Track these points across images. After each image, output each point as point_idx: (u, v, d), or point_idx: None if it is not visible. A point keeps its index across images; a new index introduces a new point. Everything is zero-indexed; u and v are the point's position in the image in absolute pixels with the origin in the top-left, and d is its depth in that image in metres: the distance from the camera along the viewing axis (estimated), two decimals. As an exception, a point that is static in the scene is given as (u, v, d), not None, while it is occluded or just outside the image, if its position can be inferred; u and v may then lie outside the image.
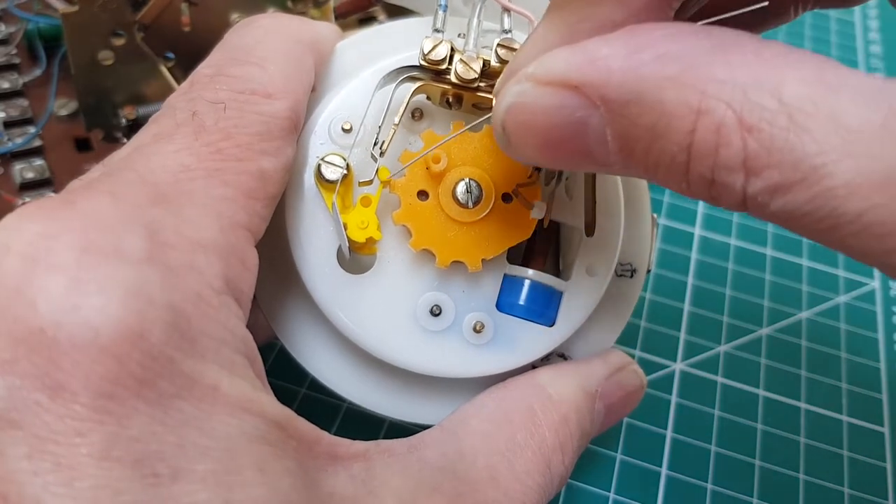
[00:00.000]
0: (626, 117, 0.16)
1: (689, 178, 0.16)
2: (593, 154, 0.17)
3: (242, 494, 0.16)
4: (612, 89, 0.16)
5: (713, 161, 0.15)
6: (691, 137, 0.15)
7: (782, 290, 0.36)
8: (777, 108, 0.14)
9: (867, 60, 0.50)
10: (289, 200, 0.22)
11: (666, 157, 0.16)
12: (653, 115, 0.16)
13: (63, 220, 0.16)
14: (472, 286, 0.23)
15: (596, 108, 0.16)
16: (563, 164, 0.19)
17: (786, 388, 0.33)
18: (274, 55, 0.21)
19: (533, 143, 0.18)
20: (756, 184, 0.15)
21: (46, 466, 0.14)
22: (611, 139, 0.17)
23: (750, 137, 0.15)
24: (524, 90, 0.18)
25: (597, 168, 0.18)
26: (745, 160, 0.15)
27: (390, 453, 0.20)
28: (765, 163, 0.15)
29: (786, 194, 0.14)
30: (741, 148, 0.15)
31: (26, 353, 0.15)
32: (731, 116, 0.15)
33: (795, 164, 0.14)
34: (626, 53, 0.16)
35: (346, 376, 0.23)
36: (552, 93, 0.17)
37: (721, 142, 0.15)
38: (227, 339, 0.17)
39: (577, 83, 0.16)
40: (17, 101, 0.33)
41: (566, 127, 0.17)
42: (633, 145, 0.16)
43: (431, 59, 0.22)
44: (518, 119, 0.18)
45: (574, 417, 0.23)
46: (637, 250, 0.25)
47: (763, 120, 0.14)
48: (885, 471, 0.30)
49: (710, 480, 0.29)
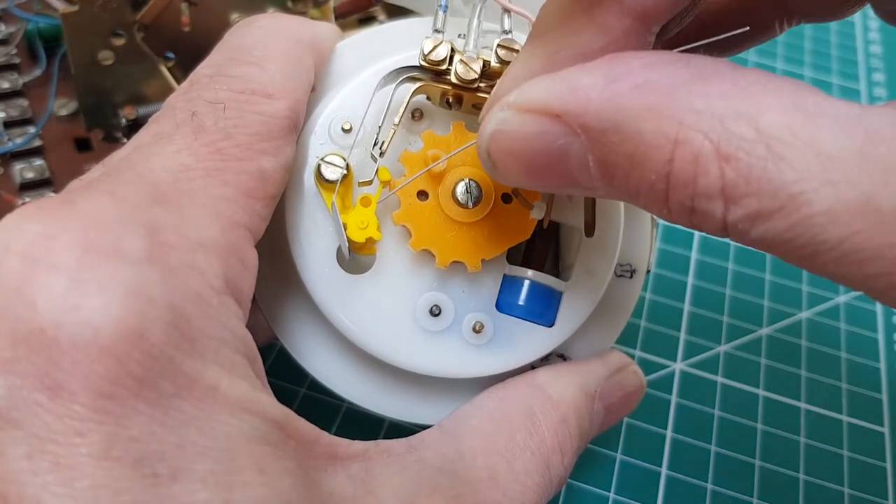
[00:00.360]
0: (606, 145, 0.16)
1: (669, 205, 0.16)
2: (577, 179, 0.17)
3: (242, 494, 0.16)
4: (591, 118, 0.16)
5: (692, 190, 0.15)
6: (669, 167, 0.15)
7: (782, 290, 0.36)
8: (755, 137, 0.15)
9: (867, 60, 0.50)
10: (289, 200, 0.23)
11: (645, 184, 0.16)
12: (631, 144, 0.16)
13: (63, 220, 0.16)
14: (471, 286, 0.23)
15: (577, 136, 0.17)
16: (548, 188, 0.19)
17: (786, 388, 0.33)
18: (273, 55, 0.21)
19: (517, 169, 0.18)
20: (736, 212, 0.15)
21: (46, 466, 0.14)
22: (592, 166, 0.17)
23: (728, 167, 0.15)
24: (506, 118, 0.18)
25: (582, 192, 0.18)
26: (724, 189, 0.15)
27: (389, 453, 0.20)
28: (743, 192, 0.15)
29: (765, 222, 0.15)
30: (719, 177, 0.15)
31: (26, 353, 0.15)
32: (709, 146, 0.15)
33: (774, 192, 0.14)
34: (604, 83, 0.16)
35: (346, 376, 0.23)
36: (533, 120, 0.17)
37: (699, 171, 0.15)
38: (227, 339, 0.17)
39: (558, 111, 0.17)
40: (17, 101, 0.32)
41: (549, 154, 0.17)
42: (614, 172, 0.17)
43: (431, 59, 0.22)
44: (501, 146, 0.18)
45: (573, 418, 0.23)
46: (637, 251, 0.25)
47: (740, 149, 0.15)
48: (885, 471, 0.30)
49: (710, 480, 0.29)
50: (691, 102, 0.15)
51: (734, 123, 0.15)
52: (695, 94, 0.15)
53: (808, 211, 0.14)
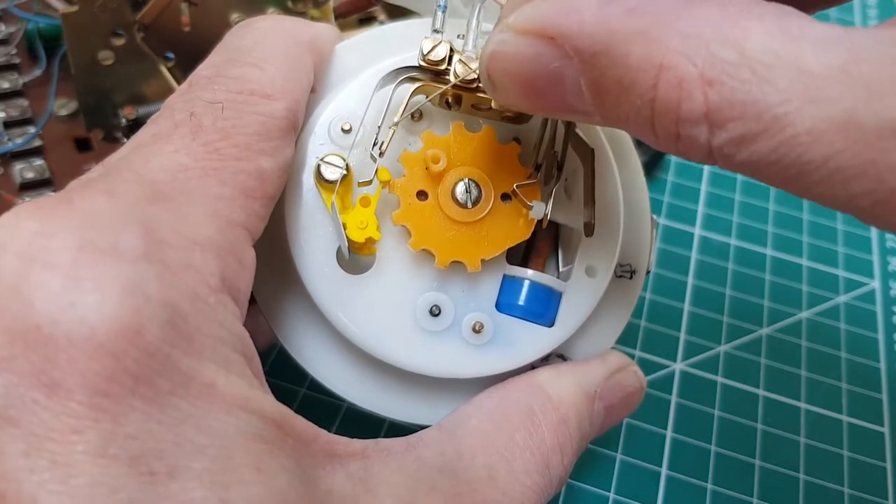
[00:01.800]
0: (597, 69, 0.16)
1: (655, 131, 0.16)
2: (572, 104, 0.18)
3: (239, 492, 0.16)
4: (583, 41, 0.16)
5: (676, 115, 0.15)
6: (654, 92, 0.16)
7: (782, 290, 0.36)
8: (739, 60, 0.15)
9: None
10: (288, 201, 0.22)
11: (632, 110, 0.16)
12: (620, 69, 0.16)
13: (60, 218, 0.16)
14: (471, 286, 0.23)
15: (570, 60, 0.17)
16: (546, 111, 0.19)
17: (786, 388, 0.33)
18: (272, 56, 0.21)
19: (515, 91, 0.19)
20: (720, 136, 0.15)
21: (43, 464, 0.14)
22: (585, 90, 0.17)
23: (711, 91, 0.15)
24: (505, 39, 0.18)
25: (579, 117, 0.18)
26: (708, 113, 0.15)
27: (388, 452, 0.20)
28: (727, 115, 0.15)
29: (750, 145, 0.15)
30: (703, 102, 0.15)
31: (23, 351, 0.15)
32: (693, 71, 0.15)
33: (758, 115, 0.14)
34: (598, 6, 0.16)
35: (346, 377, 0.23)
36: (529, 42, 0.17)
37: (683, 96, 0.15)
38: (224, 337, 0.17)
39: (552, 34, 0.17)
40: (17, 101, 0.33)
41: (544, 76, 0.18)
42: (604, 97, 0.17)
43: (431, 59, 0.22)
44: (499, 66, 0.19)
45: (573, 418, 0.23)
46: (636, 251, 0.25)
47: (725, 73, 0.15)
48: (885, 471, 0.30)
49: (710, 480, 0.29)
50: (679, 27, 0.15)
51: (719, 48, 0.15)
52: (683, 19, 0.15)
53: (792, 131, 0.14)
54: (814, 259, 0.38)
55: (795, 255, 0.38)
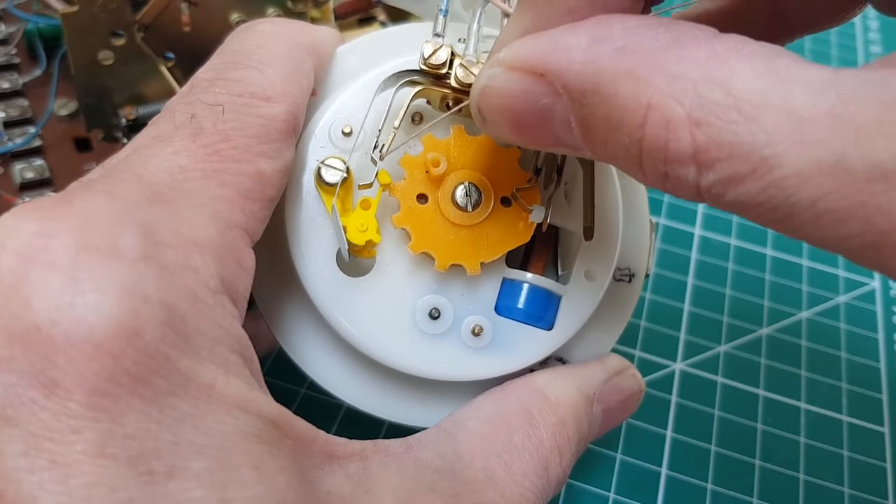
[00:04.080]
0: (586, 107, 0.16)
1: (643, 170, 0.16)
2: (562, 139, 0.18)
3: (238, 492, 0.16)
4: (571, 78, 0.16)
5: (664, 155, 0.15)
6: (642, 132, 0.16)
7: (782, 290, 0.36)
8: (726, 101, 0.15)
9: (867, 60, 0.50)
10: (288, 203, 0.23)
11: (621, 148, 0.16)
12: (608, 107, 0.16)
13: (59, 218, 0.16)
14: (470, 290, 0.23)
15: (559, 96, 0.17)
16: (537, 145, 0.19)
17: (786, 388, 0.33)
18: (273, 59, 0.22)
19: (505, 126, 0.19)
20: (709, 176, 0.15)
21: (42, 464, 0.14)
22: (574, 127, 0.17)
23: (699, 132, 0.15)
24: (495, 74, 0.18)
25: (570, 151, 0.18)
26: (696, 154, 0.15)
27: (387, 453, 0.20)
28: (715, 156, 0.15)
29: (738, 186, 0.15)
30: (690, 143, 0.15)
31: (22, 351, 0.15)
32: (680, 111, 0.15)
33: (745, 155, 0.14)
34: (587, 44, 0.16)
35: (345, 379, 0.23)
36: (519, 78, 0.17)
37: (670, 136, 0.15)
38: (223, 338, 0.17)
39: (542, 71, 0.17)
40: (17, 101, 0.33)
41: (533, 112, 0.18)
42: (593, 134, 0.17)
43: (432, 63, 0.22)
44: (489, 101, 0.19)
45: (572, 420, 0.23)
46: (635, 255, 0.25)
47: (712, 114, 0.15)
48: (885, 471, 0.30)
49: (710, 480, 0.29)
50: (667, 67, 0.15)
51: (707, 88, 0.15)
52: (670, 60, 0.15)
53: (780, 173, 0.14)
54: (814, 259, 0.38)
55: (795, 254, 0.38)
